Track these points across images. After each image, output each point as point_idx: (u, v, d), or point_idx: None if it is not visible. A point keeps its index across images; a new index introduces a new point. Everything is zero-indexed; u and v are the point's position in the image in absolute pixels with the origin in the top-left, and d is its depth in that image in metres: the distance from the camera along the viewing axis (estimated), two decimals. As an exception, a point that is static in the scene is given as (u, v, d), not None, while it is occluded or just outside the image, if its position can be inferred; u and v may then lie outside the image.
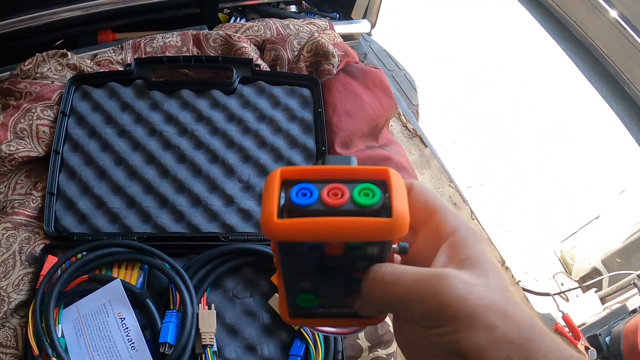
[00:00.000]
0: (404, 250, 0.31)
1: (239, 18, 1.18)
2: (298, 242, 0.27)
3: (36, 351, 0.58)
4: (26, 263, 0.68)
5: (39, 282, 0.64)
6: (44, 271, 0.65)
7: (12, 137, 0.75)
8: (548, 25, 3.22)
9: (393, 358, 0.69)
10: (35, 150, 0.76)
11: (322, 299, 0.32)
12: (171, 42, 0.90)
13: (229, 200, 0.76)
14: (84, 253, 0.67)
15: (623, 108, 2.80)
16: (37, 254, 0.68)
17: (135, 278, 0.67)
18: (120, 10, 0.98)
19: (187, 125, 0.81)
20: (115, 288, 0.64)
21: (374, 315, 0.33)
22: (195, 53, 0.91)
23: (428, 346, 0.29)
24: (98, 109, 0.81)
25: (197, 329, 0.63)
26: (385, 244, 0.28)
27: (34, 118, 0.77)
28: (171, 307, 0.64)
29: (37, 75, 0.82)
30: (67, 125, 0.79)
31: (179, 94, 0.84)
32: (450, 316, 0.26)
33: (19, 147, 0.74)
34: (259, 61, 0.89)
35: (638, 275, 1.45)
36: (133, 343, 0.61)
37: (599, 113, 2.74)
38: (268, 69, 0.90)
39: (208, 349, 0.62)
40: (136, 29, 1.04)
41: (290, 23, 0.99)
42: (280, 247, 0.28)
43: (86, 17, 0.96)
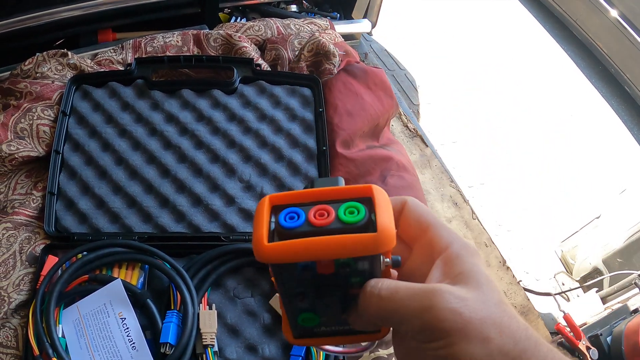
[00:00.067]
0: (397, 263, 0.31)
1: (240, 18, 1.18)
2: (290, 264, 0.28)
3: (37, 351, 0.58)
4: (26, 263, 0.68)
5: (40, 282, 0.64)
6: (45, 271, 0.65)
7: (13, 137, 0.75)
8: (548, 25, 3.22)
9: (394, 358, 0.69)
10: (35, 150, 0.76)
11: (323, 318, 0.33)
12: (172, 42, 0.90)
13: (230, 200, 0.76)
14: (85, 253, 0.67)
15: (623, 108, 2.80)
16: (38, 254, 0.68)
17: (135, 278, 0.67)
18: (120, 9, 0.98)
19: (188, 125, 0.81)
20: (115, 288, 0.64)
21: (370, 329, 0.33)
22: (195, 53, 0.91)
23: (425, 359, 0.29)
24: (98, 109, 0.81)
25: (198, 329, 0.63)
26: (374, 259, 0.29)
27: (35, 118, 0.77)
28: (172, 307, 0.64)
29: (38, 75, 0.82)
30: (68, 125, 0.79)
31: (180, 94, 0.84)
32: (445, 330, 0.27)
33: (20, 147, 0.74)
34: (260, 61, 0.89)
35: (639, 275, 1.45)
36: (134, 343, 0.61)
37: (600, 113, 2.74)
38: (269, 69, 0.90)
39: (209, 349, 0.62)
40: (137, 29, 1.04)
41: (291, 23, 0.99)
42: (274, 270, 0.29)
43: (86, 17, 0.96)
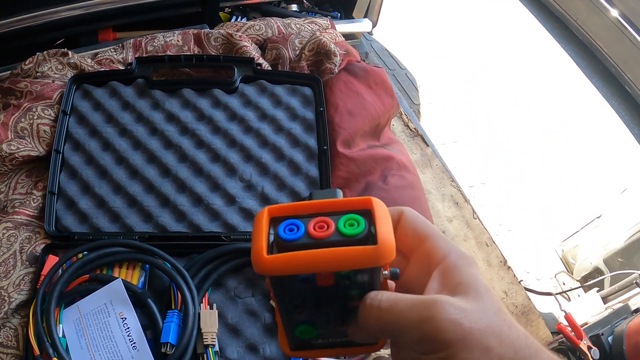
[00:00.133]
0: (395, 275, 0.31)
1: (240, 17, 1.18)
2: (289, 276, 0.28)
3: (37, 351, 0.58)
4: (27, 263, 0.67)
5: (40, 282, 0.64)
6: (45, 271, 0.65)
7: (13, 137, 0.75)
8: (549, 24, 3.22)
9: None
10: (36, 149, 0.75)
11: (320, 330, 0.33)
12: (172, 41, 0.90)
13: (231, 199, 0.76)
14: (85, 253, 0.66)
15: (624, 107, 2.80)
16: (38, 254, 0.68)
17: (136, 278, 0.67)
18: (121, 9, 0.98)
19: (188, 124, 0.81)
20: (116, 288, 0.64)
21: (370, 341, 0.33)
22: (196, 52, 0.90)
23: None
24: (99, 108, 0.81)
25: (199, 329, 0.63)
26: (374, 271, 0.29)
27: (35, 117, 0.76)
28: (172, 307, 0.64)
29: (38, 74, 0.82)
30: (68, 124, 0.79)
31: (180, 93, 0.83)
32: (445, 341, 0.27)
33: (20, 147, 0.74)
34: (261, 60, 0.89)
35: (640, 274, 1.45)
36: (134, 343, 0.61)
37: (600, 112, 2.74)
38: (269, 68, 0.90)
39: (210, 349, 0.62)
40: (137, 28, 1.04)
41: (291, 22, 0.99)
42: (273, 282, 0.29)
43: (87, 16, 0.96)
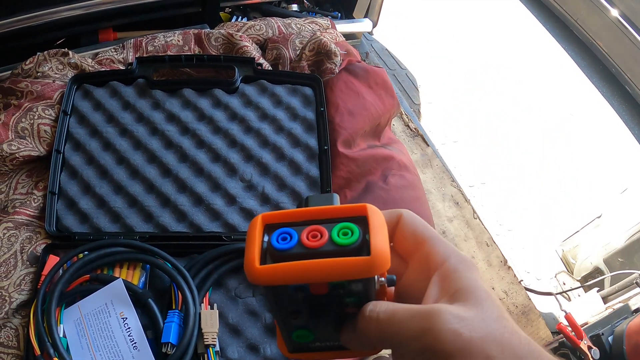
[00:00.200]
0: (392, 282, 0.31)
1: (241, 17, 1.18)
2: (282, 285, 0.28)
3: (38, 351, 0.58)
4: (27, 263, 0.67)
5: (41, 282, 0.64)
6: (46, 271, 0.65)
7: (14, 137, 0.75)
8: (549, 24, 3.22)
9: (396, 358, 0.69)
10: (36, 149, 0.75)
11: (317, 334, 0.33)
12: (173, 41, 0.90)
13: (231, 199, 0.76)
14: (86, 253, 0.66)
15: (624, 107, 2.80)
16: (39, 254, 0.68)
17: (137, 278, 0.67)
18: (121, 9, 0.98)
19: (189, 124, 0.81)
20: (117, 288, 0.64)
21: (367, 349, 0.33)
22: (196, 52, 0.90)
23: None
24: (99, 108, 0.81)
25: (200, 329, 0.63)
26: (369, 280, 0.28)
27: (35, 117, 0.76)
28: (173, 307, 0.64)
29: (39, 74, 0.82)
30: (69, 124, 0.79)
31: (181, 93, 0.83)
32: (446, 351, 0.26)
33: (20, 147, 0.74)
34: (261, 60, 0.89)
35: (640, 274, 1.45)
36: (135, 343, 0.61)
37: (600, 112, 2.74)
38: (270, 68, 0.90)
39: (210, 349, 0.62)
40: (138, 28, 1.04)
41: (292, 22, 0.99)
42: (266, 290, 0.29)
43: (87, 16, 0.95)
